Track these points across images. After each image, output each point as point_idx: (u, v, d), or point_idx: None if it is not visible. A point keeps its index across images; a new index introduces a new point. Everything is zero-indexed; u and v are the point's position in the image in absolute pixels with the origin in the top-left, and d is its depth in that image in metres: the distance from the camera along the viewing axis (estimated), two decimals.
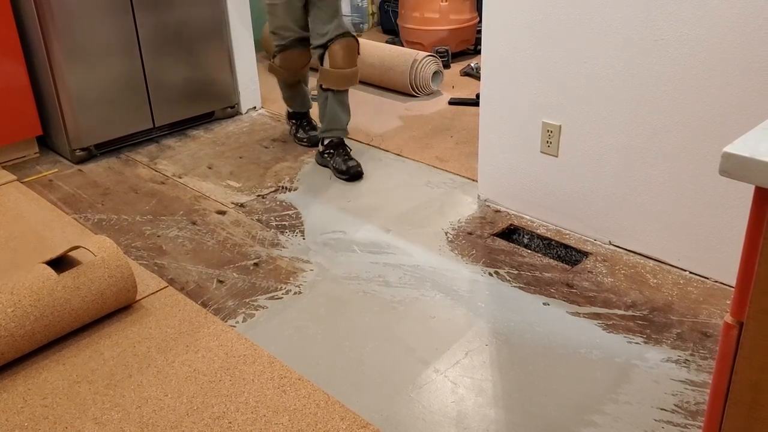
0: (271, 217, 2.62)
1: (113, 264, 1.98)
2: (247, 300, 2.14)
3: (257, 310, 2.09)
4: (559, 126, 2.35)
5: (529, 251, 2.37)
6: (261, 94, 3.79)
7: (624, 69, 2.12)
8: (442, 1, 4.47)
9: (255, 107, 3.76)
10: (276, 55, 3.05)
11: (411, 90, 3.85)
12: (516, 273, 2.24)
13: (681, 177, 2.11)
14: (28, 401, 1.75)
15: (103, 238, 2.04)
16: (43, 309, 1.84)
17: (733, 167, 0.83)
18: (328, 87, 2.91)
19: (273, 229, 2.54)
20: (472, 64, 4.25)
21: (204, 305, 2.11)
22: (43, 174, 3.05)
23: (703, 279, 2.16)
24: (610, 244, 2.36)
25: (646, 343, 1.90)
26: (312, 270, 2.28)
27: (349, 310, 2.07)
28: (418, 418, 1.68)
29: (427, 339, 1.95)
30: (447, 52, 4.41)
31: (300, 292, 2.18)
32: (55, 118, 3.10)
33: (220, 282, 2.23)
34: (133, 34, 3.14)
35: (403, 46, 4.45)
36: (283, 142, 3.33)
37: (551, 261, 2.30)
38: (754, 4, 1.81)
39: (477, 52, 4.61)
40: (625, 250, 2.33)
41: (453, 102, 3.78)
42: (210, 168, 3.09)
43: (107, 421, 1.67)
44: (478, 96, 3.06)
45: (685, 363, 1.82)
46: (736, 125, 1.94)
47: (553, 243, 2.41)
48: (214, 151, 3.27)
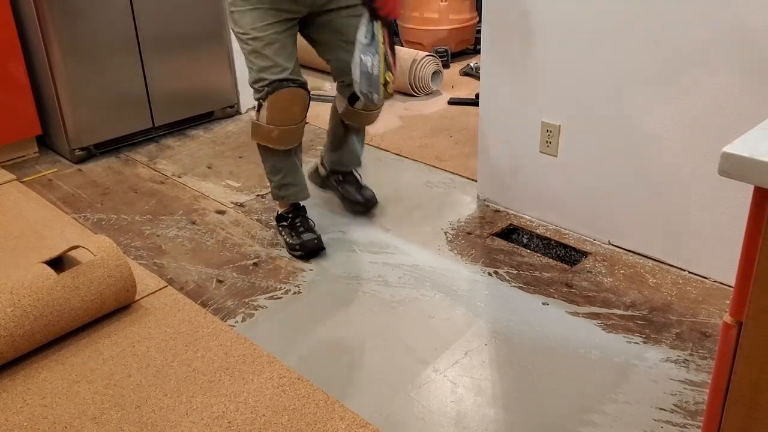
0: (271, 217, 2.62)
1: (113, 264, 1.98)
2: (246, 300, 2.14)
3: (257, 310, 2.09)
4: (559, 126, 2.35)
5: (529, 251, 2.37)
6: None
7: (624, 69, 2.12)
8: (441, 1, 4.47)
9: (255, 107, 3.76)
10: (261, 104, 2.20)
11: (410, 90, 3.85)
12: (515, 273, 2.24)
13: (680, 177, 2.11)
14: (27, 401, 1.75)
15: (103, 238, 2.04)
16: (42, 309, 1.84)
17: (733, 167, 0.83)
18: (355, 125, 2.49)
19: (272, 229, 2.53)
20: (472, 64, 4.25)
21: (203, 305, 2.11)
22: (43, 173, 3.05)
23: (702, 279, 2.16)
24: (610, 243, 2.36)
25: (645, 342, 1.90)
26: (311, 270, 2.28)
27: (349, 310, 2.07)
28: (417, 417, 1.68)
29: (427, 339, 1.95)
30: (446, 51, 4.41)
31: (299, 292, 2.18)
32: (55, 117, 3.10)
33: (220, 282, 2.23)
34: (133, 34, 3.13)
35: (402, 46, 4.45)
36: None
37: (550, 261, 2.30)
38: (753, 4, 1.81)
39: (476, 51, 4.61)
40: (625, 249, 2.33)
41: (452, 102, 3.78)
42: (209, 168, 3.09)
43: (106, 421, 1.67)
44: (477, 96, 3.06)
45: (684, 363, 1.82)
46: (735, 125, 1.94)
47: (552, 243, 2.41)
48: (214, 150, 3.27)
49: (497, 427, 1.65)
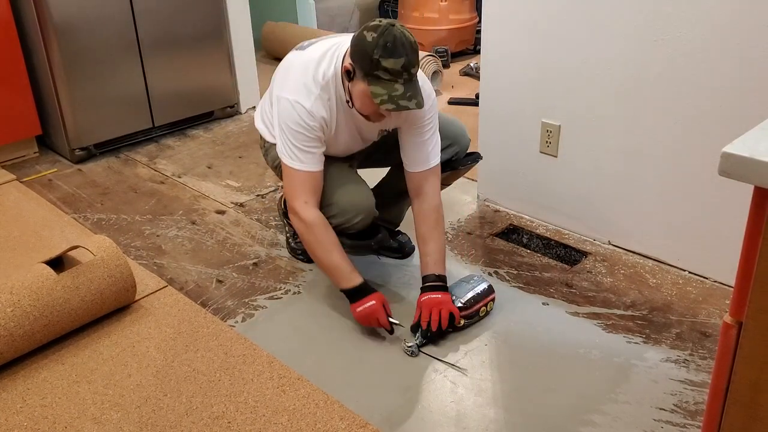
0: (271, 217, 2.62)
1: (112, 264, 1.98)
2: (246, 300, 2.14)
3: (256, 310, 2.09)
4: (559, 126, 2.35)
5: (529, 251, 2.37)
6: (260, 94, 3.78)
7: (624, 69, 2.12)
8: (441, 1, 4.47)
9: (254, 107, 3.76)
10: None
11: None
12: (515, 273, 2.24)
13: (680, 177, 2.11)
14: (27, 401, 1.75)
15: (103, 238, 2.04)
16: (42, 309, 1.84)
17: (733, 167, 0.83)
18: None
19: (272, 229, 2.53)
20: (472, 64, 4.25)
21: (203, 305, 2.11)
22: (43, 173, 3.05)
23: (702, 279, 2.16)
24: (610, 243, 2.36)
25: (645, 342, 1.90)
26: (311, 270, 2.28)
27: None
28: (417, 417, 1.68)
29: None
30: (446, 51, 4.41)
31: (299, 292, 2.17)
32: (55, 117, 3.10)
33: (220, 282, 2.23)
34: (133, 34, 3.13)
35: None
36: None
37: (550, 261, 2.30)
38: (753, 4, 1.81)
39: (476, 51, 4.61)
40: (625, 249, 2.33)
41: (452, 102, 3.78)
42: (209, 168, 3.08)
43: (106, 421, 1.67)
44: (477, 96, 3.06)
45: (684, 363, 1.82)
46: (735, 125, 1.94)
47: (552, 243, 2.41)
48: (214, 150, 3.27)
49: (497, 427, 1.64)
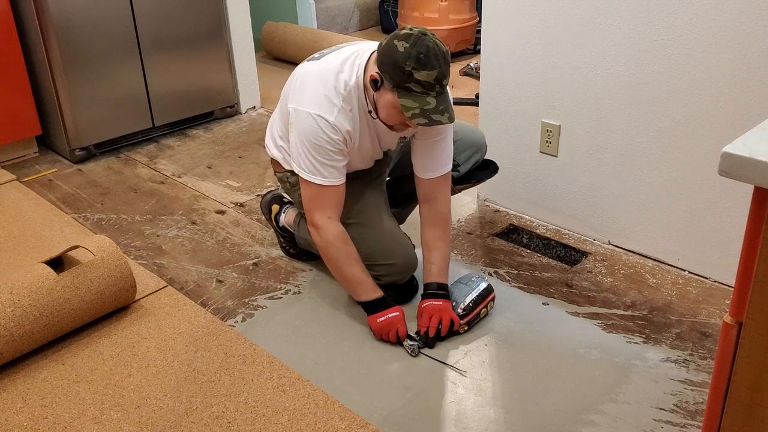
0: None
1: (112, 264, 1.98)
2: (246, 300, 2.14)
3: (256, 310, 2.09)
4: (559, 126, 2.35)
5: (529, 251, 2.37)
6: (260, 94, 3.79)
7: (624, 69, 2.12)
8: (441, 1, 4.47)
9: (254, 107, 3.76)
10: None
11: None
12: (515, 273, 2.24)
13: (680, 177, 2.11)
14: (27, 401, 1.75)
15: (103, 238, 2.04)
16: (42, 308, 1.84)
17: (733, 167, 0.83)
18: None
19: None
20: (472, 64, 4.25)
21: (203, 305, 2.11)
22: (43, 173, 3.05)
23: (702, 279, 2.16)
24: (610, 243, 2.36)
25: (645, 342, 1.90)
26: (311, 270, 2.28)
27: (348, 310, 2.07)
28: (417, 417, 1.68)
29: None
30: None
31: (299, 292, 2.17)
32: (55, 117, 3.10)
33: (220, 282, 2.23)
34: (133, 33, 3.13)
35: None
36: None
37: (551, 261, 2.30)
38: (753, 4, 1.81)
39: (477, 51, 4.61)
40: (625, 249, 2.33)
41: (452, 102, 3.77)
42: (209, 167, 3.08)
43: (106, 421, 1.67)
44: (477, 96, 3.06)
45: (684, 363, 1.82)
46: (735, 125, 1.94)
47: (552, 243, 2.41)
48: (214, 150, 3.27)
49: (497, 427, 1.64)
